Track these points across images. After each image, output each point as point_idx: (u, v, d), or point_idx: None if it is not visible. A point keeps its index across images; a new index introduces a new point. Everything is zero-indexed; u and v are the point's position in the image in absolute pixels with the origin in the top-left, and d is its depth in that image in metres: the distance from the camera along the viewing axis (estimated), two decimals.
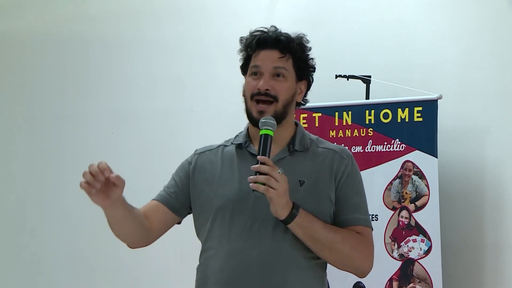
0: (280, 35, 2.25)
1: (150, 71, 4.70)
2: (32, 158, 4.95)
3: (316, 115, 3.82)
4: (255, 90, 2.21)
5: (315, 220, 2.16)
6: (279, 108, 2.22)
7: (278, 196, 2.06)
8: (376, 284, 3.62)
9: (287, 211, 2.11)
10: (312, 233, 2.15)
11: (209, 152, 2.35)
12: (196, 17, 4.56)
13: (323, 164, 2.26)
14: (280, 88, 2.22)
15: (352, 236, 2.22)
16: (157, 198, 2.34)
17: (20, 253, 4.95)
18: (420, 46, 3.96)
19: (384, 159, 3.67)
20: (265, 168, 2.05)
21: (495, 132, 3.76)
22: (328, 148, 2.31)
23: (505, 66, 3.77)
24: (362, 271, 2.29)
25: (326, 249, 2.18)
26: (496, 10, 3.80)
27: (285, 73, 2.23)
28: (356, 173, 2.32)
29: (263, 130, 2.14)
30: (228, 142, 2.36)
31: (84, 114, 4.81)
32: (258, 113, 2.20)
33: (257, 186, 2.05)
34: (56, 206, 4.83)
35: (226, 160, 2.29)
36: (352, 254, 2.22)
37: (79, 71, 4.88)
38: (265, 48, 2.24)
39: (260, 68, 2.22)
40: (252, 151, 2.26)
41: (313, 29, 4.21)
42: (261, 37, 2.24)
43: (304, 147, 2.28)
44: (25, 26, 5.03)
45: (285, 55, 2.23)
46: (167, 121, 4.59)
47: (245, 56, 2.29)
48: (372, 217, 3.67)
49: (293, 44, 2.25)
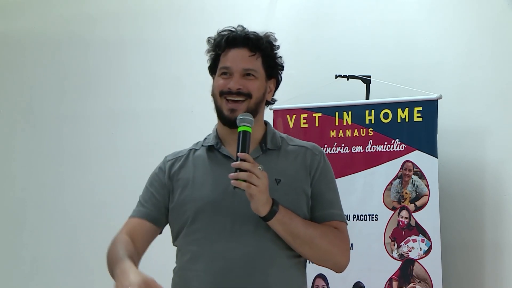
0: (249, 33, 2.25)
1: (150, 71, 4.69)
2: (32, 158, 4.95)
3: (316, 115, 3.82)
4: (225, 88, 2.21)
5: (294, 216, 2.18)
6: (251, 105, 2.22)
7: (259, 193, 2.07)
8: (376, 284, 3.62)
9: (268, 208, 2.11)
10: (292, 229, 2.16)
11: (180, 158, 2.33)
12: (196, 17, 4.56)
13: (296, 161, 2.27)
14: (252, 86, 2.22)
15: (330, 231, 2.24)
16: (137, 215, 2.29)
17: (20, 253, 4.95)
18: (420, 46, 3.96)
19: (384, 159, 3.67)
20: (246, 165, 2.06)
21: (495, 132, 3.76)
22: (299, 145, 2.32)
23: (505, 66, 3.77)
24: (340, 266, 2.30)
25: (306, 245, 2.19)
26: (496, 10, 3.80)
27: (255, 73, 2.23)
28: (329, 169, 2.33)
29: (241, 127, 2.14)
30: (198, 145, 2.35)
31: (84, 114, 4.81)
32: (230, 111, 2.20)
33: (239, 183, 2.06)
34: (55, 206, 4.83)
35: (199, 164, 2.28)
36: (330, 249, 2.23)
37: (79, 71, 4.87)
38: (234, 47, 2.23)
39: (230, 68, 2.22)
40: (224, 152, 2.26)
41: (313, 29, 4.24)
42: (229, 36, 2.24)
43: (276, 146, 2.28)
44: (25, 26, 5.03)
45: (255, 54, 2.23)
46: (167, 121, 4.59)
47: (213, 56, 2.28)
48: (372, 217, 3.67)
49: (262, 42, 2.25)
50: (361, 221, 3.68)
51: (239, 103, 2.21)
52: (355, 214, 3.69)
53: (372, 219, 3.66)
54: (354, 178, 3.70)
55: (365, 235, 3.66)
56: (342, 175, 3.73)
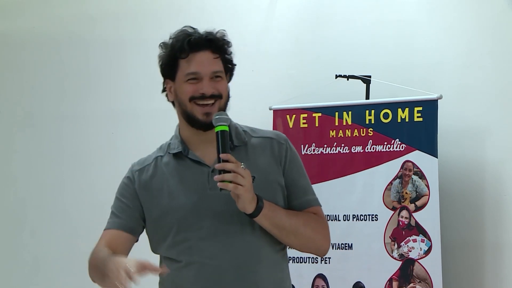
0: (208, 35, 2.23)
1: (150, 71, 4.65)
2: (32, 158, 4.95)
3: (316, 115, 3.82)
4: (197, 94, 2.19)
5: (277, 208, 2.19)
6: (222, 104, 2.22)
7: (246, 192, 2.08)
8: (376, 284, 3.62)
9: (254, 204, 2.12)
10: (277, 222, 2.17)
11: (148, 167, 2.30)
12: (196, 17, 4.55)
13: (265, 154, 2.26)
14: (221, 87, 2.22)
15: (311, 218, 2.26)
16: (113, 227, 2.28)
17: (20, 253, 4.95)
18: (420, 46, 3.96)
19: (384, 159, 3.67)
20: (230, 166, 2.06)
21: (495, 132, 3.76)
22: (263, 137, 2.30)
23: (505, 66, 3.76)
24: (322, 250, 2.32)
25: (292, 235, 2.21)
26: (496, 10, 3.80)
27: (222, 74, 2.23)
28: (296, 155, 2.33)
29: (218, 127, 2.13)
30: (162, 151, 2.34)
31: (84, 114, 4.81)
32: (205, 115, 2.19)
33: (225, 185, 2.05)
34: (56, 206, 4.83)
35: (169, 172, 2.26)
36: (314, 236, 2.25)
37: (79, 71, 4.87)
38: (198, 51, 2.20)
39: (199, 74, 2.20)
40: (193, 157, 2.24)
41: (313, 29, 4.24)
42: (191, 39, 2.20)
43: (242, 141, 2.27)
44: (25, 26, 5.03)
45: (218, 56, 2.23)
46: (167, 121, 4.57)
47: (171, 60, 2.25)
48: (372, 217, 3.67)
49: (222, 42, 2.24)
50: (361, 221, 3.68)
51: (211, 106, 2.19)
52: (355, 214, 3.70)
53: (372, 219, 3.66)
54: (354, 178, 3.70)
55: (365, 235, 3.67)
56: (342, 175, 3.73)
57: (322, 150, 3.80)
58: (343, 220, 3.72)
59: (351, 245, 3.69)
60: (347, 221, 3.71)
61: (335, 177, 3.76)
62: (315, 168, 3.68)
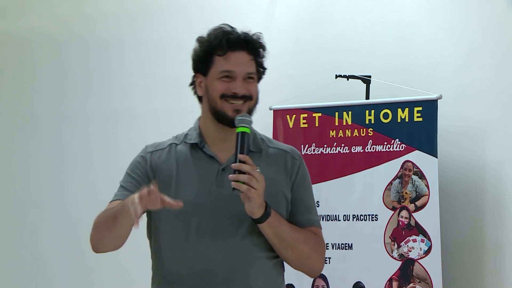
0: (247, 36, 2.23)
1: (150, 71, 4.70)
2: (32, 158, 4.95)
3: (316, 115, 3.82)
4: (230, 92, 2.19)
5: (282, 220, 2.20)
6: (251, 106, 2.23)
7: (258, 196, 2.08)
8: (376, 284, 3.62)
9: (262, 210, 2.12)
10: (279, 232, 2.18)
11: (161, 151, 2.30)
12: (196, 17, 4.56)
13: (277, 165, 2.27)
14: (253, 89, 2.23)
15: (311, 237, 2.26)
16: (120, 198, 2.23)
17: (20, 253, 4.95)
18: (420, 46, 3.96)
19: (384, 159, 3.67)
20: (247, 167, 2.06)
21: (495, 132, 3.76)
22: (279, 149, 2.32)
23: (505, 66, 3.77)
24: (315, 271, 2.34)
25: (290, 248, 2.21)
26: (496, 10, 3.80)
27: (254, 75, 2.24)
28: (307, 174, 2.34)
29: (240, 128, 2.14)
30: (178, 139, 2.32)
31: (84, 114, 4.81)
32: (235, 112, 2.19)
33: (239, 185, 2.05)
34: (55, 206, 4.83)
35: (181, 161, 2.26)
36: (310, 254, 2.26)
37: (79, 71, 4.88)
38: (236, 50, 2.21)
39: (234, 73, 2.20)
40: (208, 152, 2.24)
41: (313, 29, 4.24)
42: (230, 38, 2.21)
43: (257, 148, 2.27)
44: (25, 26, 5.03)
45: (254, 58, 2.23)
46: (167, 121, 4.59)
47: (206, 56, 2.24)
48: (372, 217, 3.67)
49: (259, 45, 2.25)
50: (361, 221, 3.68)
51: (242, 104, 2.20)
52: (355, 214, 3.70)
53: (372, 219, 3.66)
54: (354, 178, 3.70)
55: (365, 235, 3.67)
56: (342, 175, 3.74)
57: (322, 150, 3.80)
58: (343, 220, 3.72)
59: (351, 245, 3.69)
60: (347, 221, 3.71)
61: (335, 177, 3.76)
62: (315, 168, 3.68)
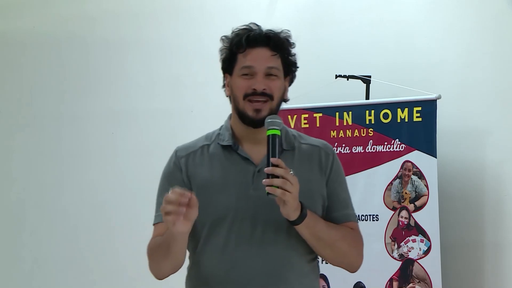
0: (268, 32, 2.21)
1: (150, 71, 4.70)
2: (32, 158, 4.95)
3: (317, 115, 3.82)
4: (249, 90, 2.17)
5: (318, 219, 2.17)
6: (273, 106, 2.20)
7: (293, 199, 2.04)
8: (376, 284, 3.62)
9: (298, 212, 2.08)
10: (317, 232, 2.14)
11: (193, 154, 2.25)
12: (196, 17, 4.56)
13: (311, 162, 2.25)
14: (275, 86, 2.19)
15: (349, 233, 2.24)
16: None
17: (20, 253, 4.95)
18: (420, 46, 3.96)
19: (384, 159, 3.67)
20: (280, 171, 2.02)
21: (495, 133, 3.76)
22: (312, 144, 2.29)
23: (505, 66, 3.77)
24: (355, 267, 2.29)
25: (328, 247, 2.19)
26: (496, 10, 3.80)
27: (277, 72, 2.20)
28: (341, 168, 2.32)
29: (270, 130, 2.09)
30: (209, 140, 2.28)
31: (84, 114, 4.81)
32: (255, 112, 2.17)
33: (274, 190, 2.01)
34: (55, 206, 4.83)
35: (215, 163, 2.22)
36: (349, 251, 2.24)
37: (79, 71, 4.88)
38: (255, 47, 2.18)
39: (253, 68, 2.17)
40: (242, 154, 2.21)
41: (313, 29, 4.24)
42: (250, 35, 2.19)
43: (291, 146, 2.25)
44: (25, 26, 5.03)
45: (276, 53, 2.20)
46: (167, 121, 4.59)
47: (229, 55, 2.22)
48: (373, 217, 3.67)
49: (282, 41, 2.22)
50: (362, 221, 3.68)
51: (263, 103, 2.17)
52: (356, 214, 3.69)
53: (373, 219, 3.67)
54: (355, 178, 3.70)
55: (366, 235, 3.62)
56: None
57: None
58: None
59: None
60: None
61: None
62: None
